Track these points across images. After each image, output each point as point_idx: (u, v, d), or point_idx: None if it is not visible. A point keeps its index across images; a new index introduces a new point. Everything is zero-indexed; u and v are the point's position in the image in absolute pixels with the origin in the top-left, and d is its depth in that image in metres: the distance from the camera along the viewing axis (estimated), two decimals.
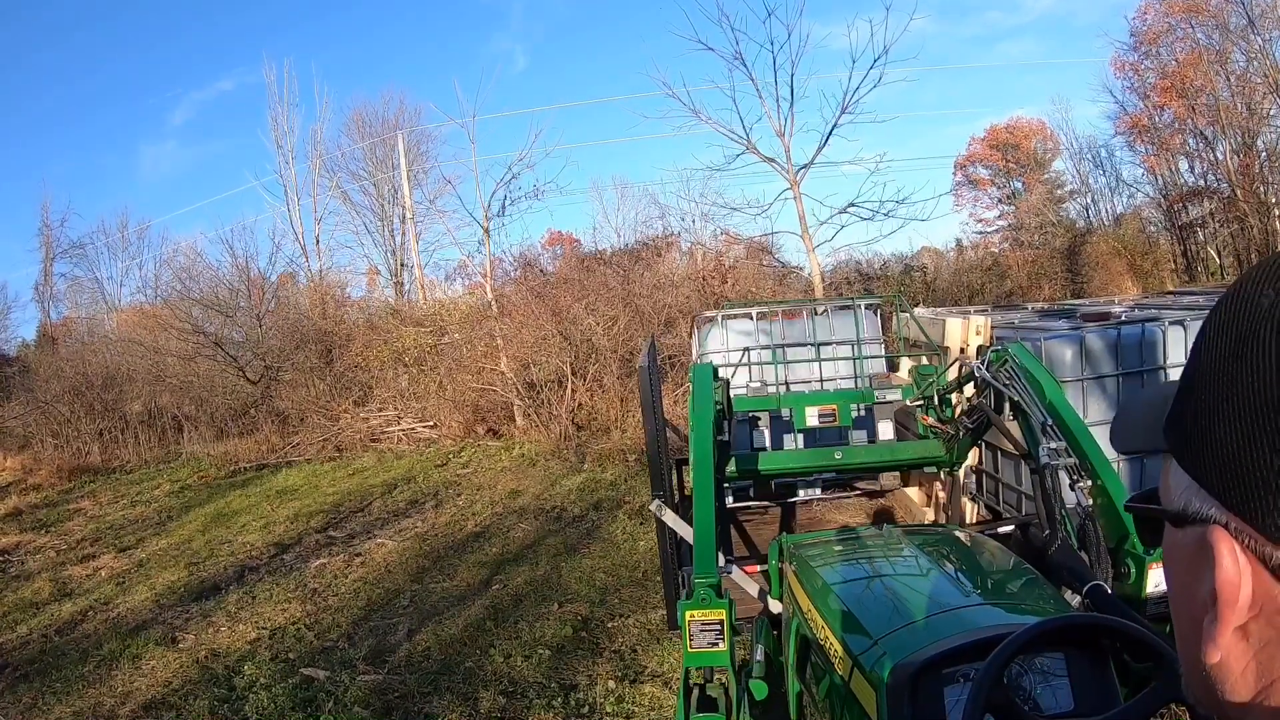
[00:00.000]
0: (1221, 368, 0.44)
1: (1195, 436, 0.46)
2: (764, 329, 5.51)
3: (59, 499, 12.08)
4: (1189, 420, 0.47)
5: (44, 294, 22.89)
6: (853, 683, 1.81)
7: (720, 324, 5.62)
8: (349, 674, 4.55)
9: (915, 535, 2.63)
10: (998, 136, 24.16)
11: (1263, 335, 0.42)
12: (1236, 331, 0.44)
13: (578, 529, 7.19)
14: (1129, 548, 2.17)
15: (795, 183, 12.13)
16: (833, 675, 1.93)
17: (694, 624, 1.99)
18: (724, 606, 1.99)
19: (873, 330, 5.36)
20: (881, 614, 1.97)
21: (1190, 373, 0.48)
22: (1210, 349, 0.46)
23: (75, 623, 6.26)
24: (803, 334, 5.44)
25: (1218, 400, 0.44)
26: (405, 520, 8.15)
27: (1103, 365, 4.05)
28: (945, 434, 3.82)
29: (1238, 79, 17.13)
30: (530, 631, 4.92)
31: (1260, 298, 0.43)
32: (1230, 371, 0.43)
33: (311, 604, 5.91)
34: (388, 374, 13.80)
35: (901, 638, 1.79)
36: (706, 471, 2.58)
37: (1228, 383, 0.43)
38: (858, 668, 1.79)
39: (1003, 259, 19.20)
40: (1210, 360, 0.45)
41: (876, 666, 1.72)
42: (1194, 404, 0.46)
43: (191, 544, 8.24)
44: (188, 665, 5.07)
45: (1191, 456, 0.47)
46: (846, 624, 1.96)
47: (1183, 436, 0.47)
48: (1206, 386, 0.45)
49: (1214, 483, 0.44)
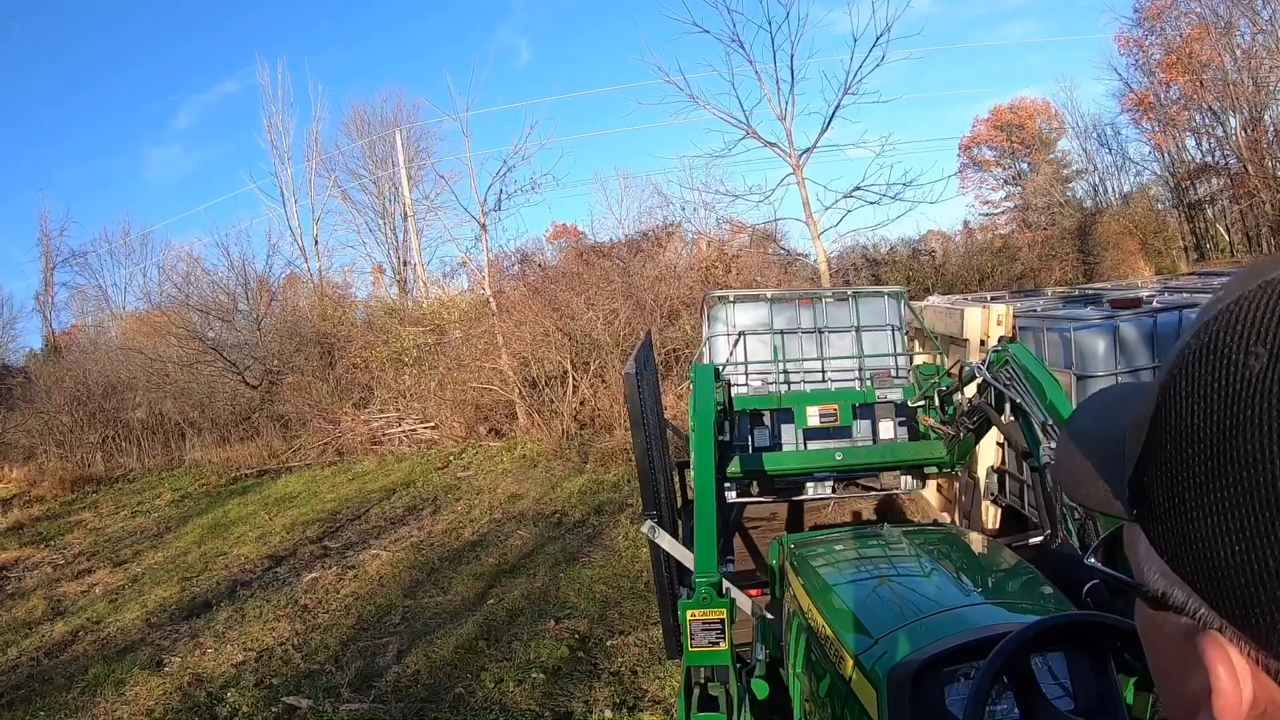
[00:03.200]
0: (1204, 444, 0.37)
1: (1170, 519, 0.39)
2: (780, 311, 5.10)
3: (61, 511, 12.06)
4: (1159, 494, 0.40)
5: (45, 303, 22.85)
6: (853, 681, 1.81)
7: (731, 304, 5.21)
8: (332, 703, 4.34)
9: (915, 534, 2.63)
10: (1002, 117, 23.87)
11: (1259, 414, 0.34)
12: (1222, 401, 0.36)
13: (578, 535, 6.98)
14: None
15: (798, 167, 11.77)
16: (833, 674, 1.93)
17: (694, 623, 1.98)
18: (724, 606, 1.99)
19: (895, 318, 5.01)
20: (882, 613, 1.98)
21: (1155, 427, 0.40)
22: (1183, 411, 0.38)
23: (65, 644, 6.18)
24: (818, 321, 5.07)
25: (1201, 485, 0.37)
26: (402, 528, 7.98)
27: (1138, 358, 3.74)
28: (946, 435, 3.78)
29: (1244, 52, 16.73)
30: (525, 652, 4.68)
31: (1247, 358, 0.35)
32: (1217, 453, 0.36)
33: (301, 622, 5.72)
34: (388, 375, 13.63)
35: (902, 637, 1.80)
36: (708, 472, 2.59)
37: (1215, 467, 0.36)
38: (858, 666, 1.80)
39: (1012, 241, 18.82)
40: (1184, 427, 0.38)
41: (877, 665, 1.73)
42: (1165, 476, 0.39)
43: (187, 557, 8.15)
44: (171, 692, 4.93)
45: (1167, 543, 0.39)
46: (847, 623, 1.97)
47: (1152, 513, 0.40)
48: (1182, 460, 0.38)
49: (1201, 584, 0.38)
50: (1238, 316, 0.37)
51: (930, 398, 4.01)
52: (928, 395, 4.05)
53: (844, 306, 4.97)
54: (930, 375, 4.08)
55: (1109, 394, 0.54)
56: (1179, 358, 0.39)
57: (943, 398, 3.89)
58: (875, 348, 4.86)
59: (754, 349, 4.97)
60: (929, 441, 4.01)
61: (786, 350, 4.89)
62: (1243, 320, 0.36)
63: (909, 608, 1.97)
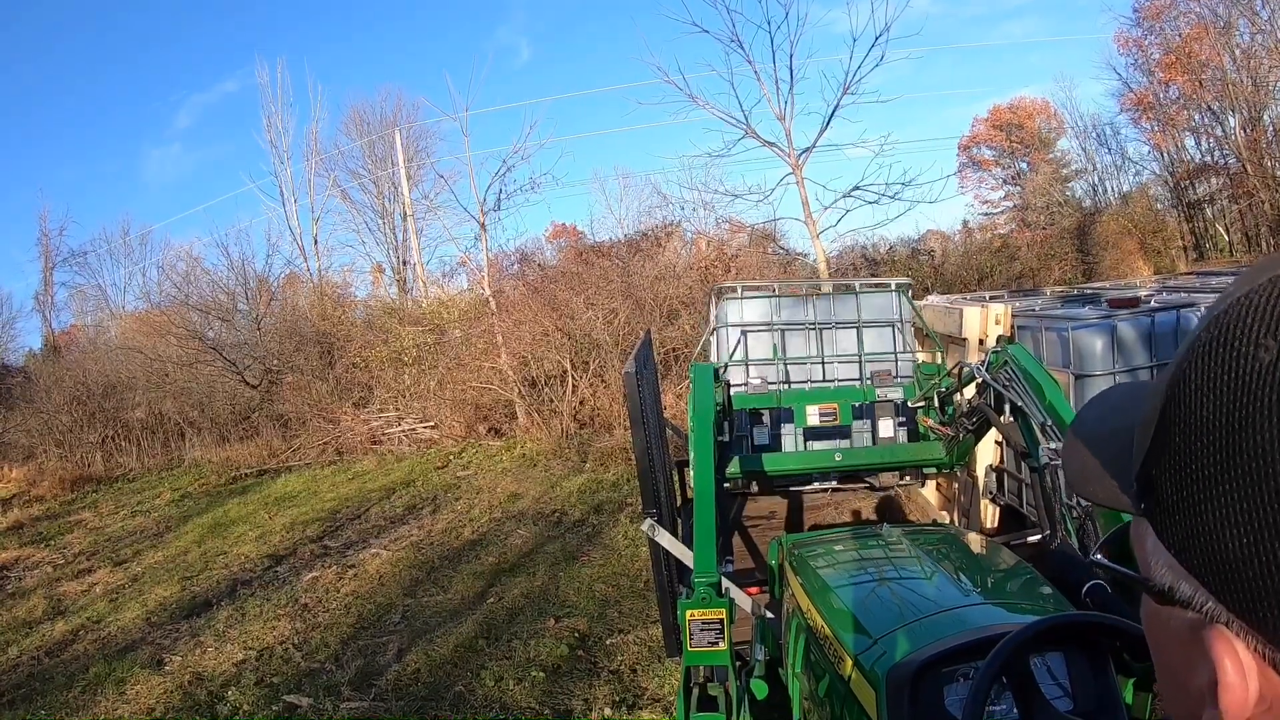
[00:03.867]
0: (1213, 436, 0.37)
1: (1178, 511, 0.39)
2: (785, 306, 5.02)
3: (61, 510, 12.07)
4: (1167, 487, 0.40)
5: (44, 303, 22.86)
6: (852, 682, 1.81)
7: (739, 299, 5.12)
8: (333, 701, 4.36)
9: (914, 535, 2.63)
10: (1001, 116, 23.85)
11: (1269, 406, 0.34)
12: (1231, 393, 0.36)
13: (578, 534, 7.00)
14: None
15: (798, 167, 11.79)
16: (833, 674, 1.93)
17: (694, 623, 1.98)
18: (724, 606, 1.99)
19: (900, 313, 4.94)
20: (881, 613, 1.98)
21: (1164, 421, 0.40)
22: (1192, 403, 0.38)
23: (66, 643, 6.18)
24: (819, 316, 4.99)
25: (1209, 477, 0.37)
26: (402, 528, 8.00)
27: (1136, 357, 3.76)
28: (945, 435, 3.79)
29: (1243, 52, 16.74)
30: (524, 650, 4.71)
31: (1258, 351, 0.36)
32: (1226, 445, 0.36)
33: (301, 621, 5.75)
34: (388, 374, 13.65)
35: (901, 637, 1.80)
36: (707, 473, 2.60)
37: (1224, 459, 0.36)
38: (858, 667, 1.80)
39: (1012, 240, 18.85)
40: (1194, 419, 0.38)
41: (876, 665, 1.74)
42: (1174, 468, 0.39)
43: (187, 556, 8.16)
44: (171, 690, 4.94)
45: (1175, 536, 0.40)
46: (846, 623, 1.98)
47: (1160, 506, 0.41)
48: (1190, 452, 0.38)
49: (1209, 578, 0.38)
50: (1248, 309, 0.37)
51: (930, 398, 4.01)
52: (928, 396, 4.05)
53: (850, 301, 4.93)
54: (931, 375, 4.09)
55: (1115, 391, 0.55)
56: (1189, 350, 0.40)
57: (942, 399, 3.89)
58: (878, 344, 4.81)
59: (757, 345, 4.94)
60: (928, 443, 4.01)
61: (791, 346, 4.83)
62: (1253, 313, 0.37)
63: (908, 608, 1.97)
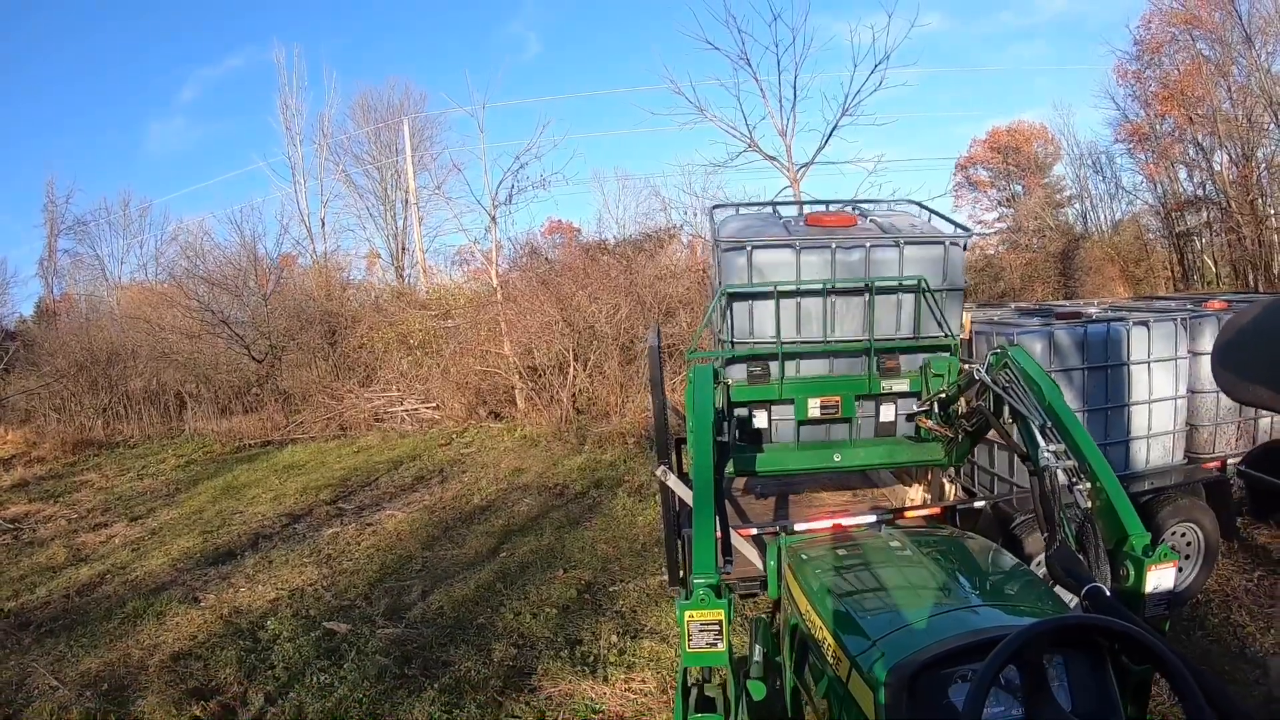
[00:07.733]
0: None
1: None
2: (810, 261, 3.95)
3: (64, 471, 12.24)
4: None
5: (48, 269, 23.02)
6: (850, 683, 1.82)
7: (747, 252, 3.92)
8: (369, 627, 4.84)
9: (914, 537, 2.63)
10: (999, 139, 24.21)
11: None
12: None
13: (579, 504, 7.47)
14: (1128, 549, 2.13)
15: (795, 181, 12.39)
16: (831, 676, 1.93)
17: (693, 624, 1.96)
18: (723, 606, 1.97)
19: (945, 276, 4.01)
20: (879, 615, 1.98)
21: None
22: None
23: (94, 585, 6.45)
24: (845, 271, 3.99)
25: None
26: (413, 494, 8.42)
27: (1070, 359, 4.37)
28: (945, 437, 3.84)
29: (1238, 90, 17.25)
30: (538, 593, 5.23)
31: None
32: None
33: (327, 568, 6.18)
34: (392, 356, 14.04)
35: (899, 638, 1.80)
36: (706, 474, 2.54)
37: None
38: (856, 668, 1.80)
39: (997, 260, 19.46)
40: None
41: (874, 667, 1.74)
42: None
43: (203, 514, 8.47)
44: (211, 621, 5.30)
45: None
46: (845, 625, 1.97)
47: None
48: None
49: None
50: None
51: (931, 401, 3.97)
52: (931, 400, 3.98)
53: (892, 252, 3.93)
54: (940, 373, 3.93)
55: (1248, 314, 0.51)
56: None
57: (943, 401, 3.88)
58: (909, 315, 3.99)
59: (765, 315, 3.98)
60: (928, 444, 4.03)
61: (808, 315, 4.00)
62: None
63: (907, 609, 1.96)
